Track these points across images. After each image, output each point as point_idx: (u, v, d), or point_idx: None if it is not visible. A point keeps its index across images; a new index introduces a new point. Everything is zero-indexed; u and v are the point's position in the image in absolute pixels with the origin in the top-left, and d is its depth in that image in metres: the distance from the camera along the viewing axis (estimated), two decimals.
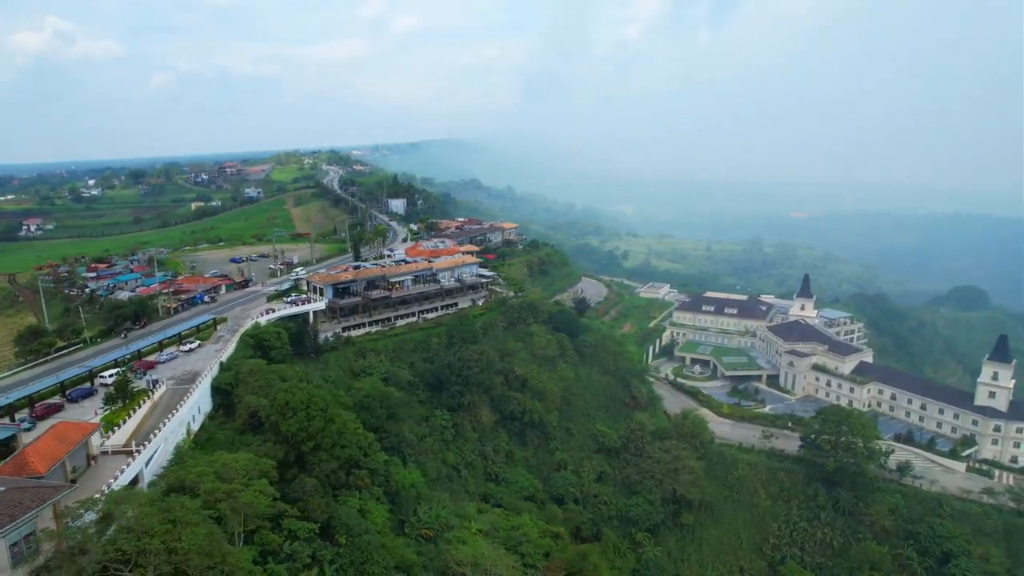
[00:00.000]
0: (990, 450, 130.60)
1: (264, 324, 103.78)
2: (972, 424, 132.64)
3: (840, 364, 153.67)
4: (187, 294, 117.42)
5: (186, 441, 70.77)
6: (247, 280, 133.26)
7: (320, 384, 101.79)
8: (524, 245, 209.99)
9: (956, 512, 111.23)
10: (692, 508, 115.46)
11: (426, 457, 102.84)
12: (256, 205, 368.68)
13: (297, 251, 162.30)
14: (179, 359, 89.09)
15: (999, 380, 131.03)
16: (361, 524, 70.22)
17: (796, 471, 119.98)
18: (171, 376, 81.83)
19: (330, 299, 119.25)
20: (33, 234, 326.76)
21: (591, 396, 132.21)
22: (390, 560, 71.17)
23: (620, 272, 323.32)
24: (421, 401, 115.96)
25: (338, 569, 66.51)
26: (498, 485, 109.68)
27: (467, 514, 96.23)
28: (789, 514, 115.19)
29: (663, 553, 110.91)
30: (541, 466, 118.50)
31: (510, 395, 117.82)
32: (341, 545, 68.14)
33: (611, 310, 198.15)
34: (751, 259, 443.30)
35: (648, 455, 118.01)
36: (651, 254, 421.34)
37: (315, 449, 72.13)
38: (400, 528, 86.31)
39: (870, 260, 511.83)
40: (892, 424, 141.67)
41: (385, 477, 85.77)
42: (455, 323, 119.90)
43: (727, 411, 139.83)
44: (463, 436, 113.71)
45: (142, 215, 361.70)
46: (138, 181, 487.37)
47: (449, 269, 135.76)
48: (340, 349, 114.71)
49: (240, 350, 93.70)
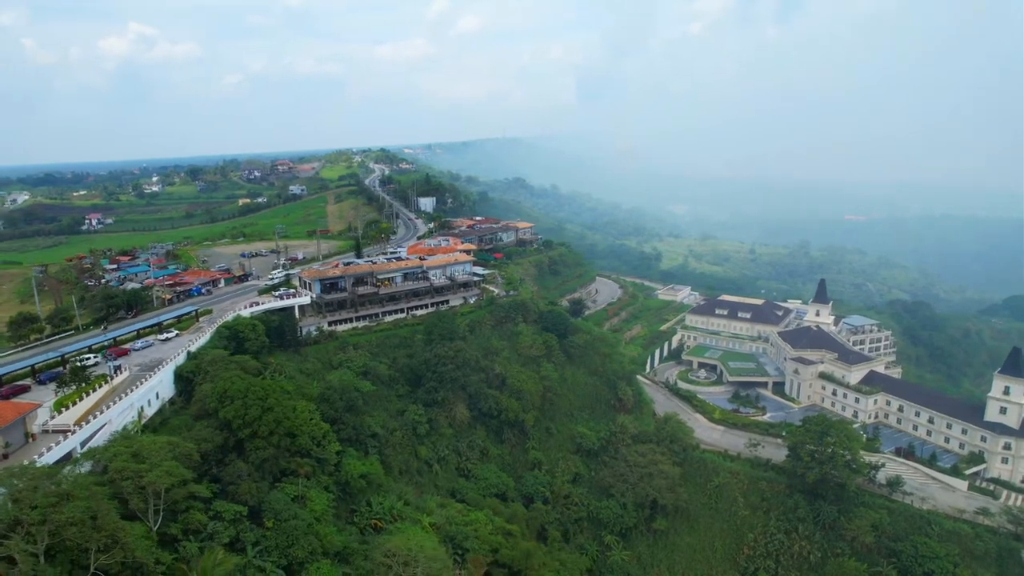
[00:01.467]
0: (999, 469, 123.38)
1: (246, 316, 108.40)
2: (981, 440, 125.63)
3: (847, 373, 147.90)
4: (185, 286, 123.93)
5: (136, 424, 75.10)
6: (247, 274, 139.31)
7: (292, 376, 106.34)
8: (538, 245, 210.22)
9: (945, 532, 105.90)
10: (666, 514, 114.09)
11: (392, 450, 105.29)
12: (299, 202, 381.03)
13: (306, 247, 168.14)
14: (154, 347, 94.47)
15: (1011, 395, 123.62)
16: (290, 509, 73.00)
17: (779, 481, 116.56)
18: (139, 363, 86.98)
19: (317, 294, 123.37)
20: (94, 228, 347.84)
21: (575, 397, 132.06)
22: (318, 545, 73.82)
23: (653, 273, 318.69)
24: (400, 396, 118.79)
25: (262, 551, 69.56)
26: (468, 481, 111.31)
27: (427, 508, 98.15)
28: (767, 525, 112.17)
29: (632, 557, 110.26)
30: (516, 465, 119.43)
31: (487, 393, 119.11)
32: (268, 528, 71.25)
33: (622, 311, 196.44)
34: (796, 263, 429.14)
35: (623, 458, 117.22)
36: (691, 256, 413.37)
37: (252, 436, 75.45)
38: (350, 517, 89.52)
39: (931, 266, 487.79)
40: (896, 437, 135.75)
41: (335, 467, 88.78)
42: (434, 320, 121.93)
43: (719, 417, 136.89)
44: (438, 431, 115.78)
45: (194, 210, 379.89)
46: (196, 178, 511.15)
47: (441, 267, 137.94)
48: (323, 343, 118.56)
49: (214, 340, 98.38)
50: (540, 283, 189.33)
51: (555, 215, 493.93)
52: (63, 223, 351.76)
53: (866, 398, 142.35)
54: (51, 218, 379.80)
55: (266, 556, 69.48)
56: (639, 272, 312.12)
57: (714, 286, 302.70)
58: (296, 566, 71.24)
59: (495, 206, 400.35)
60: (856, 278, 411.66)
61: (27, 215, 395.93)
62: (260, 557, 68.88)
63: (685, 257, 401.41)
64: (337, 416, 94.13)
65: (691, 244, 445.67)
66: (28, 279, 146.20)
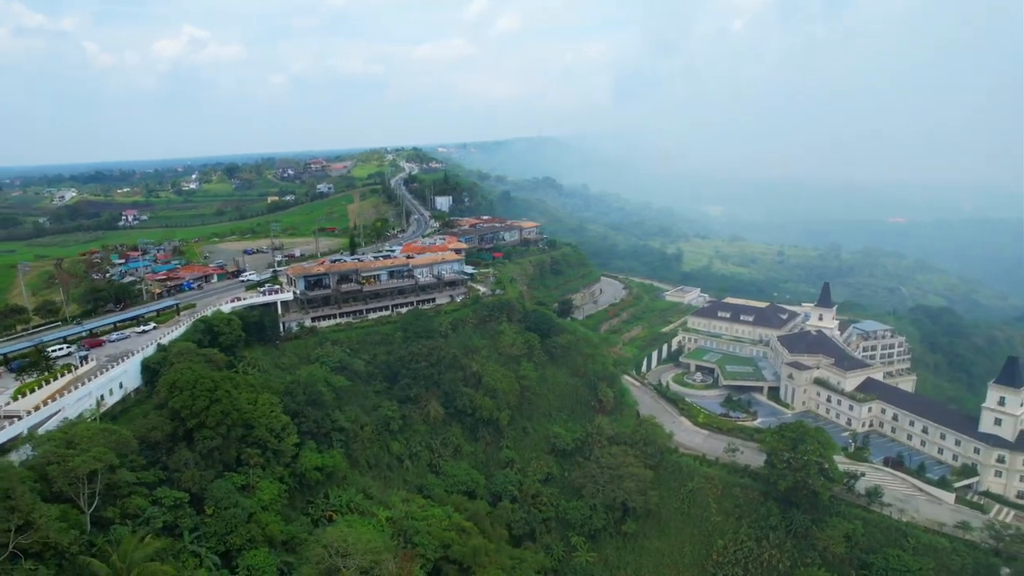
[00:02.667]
0: (993, 482, 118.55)
1: (226, 312, 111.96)
2: (974, 452, 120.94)
3: (842, 380, 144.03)
4: (176, 281, 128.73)
5: (94, 412, 78.81)
6: (240, 270, 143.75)
7: (266, 370, 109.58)
8: (543, 244, 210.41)
9: (921, 545, 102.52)
10: (636, 516, 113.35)
11: (360, 445, 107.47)
12: (325, 200, 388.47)
13: (308, 244, 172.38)
14: (129, 340, 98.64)
15: (1006, 406, 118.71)
16: (231, 498, 75.58)
17: (754, 488, 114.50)
18: (109, 354, 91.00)
19: (301, 290, 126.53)
20: (130, 224, 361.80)
21: (555, 397, 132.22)
22: (259, 533, 76.26)
23: (673, 275, 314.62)
24: (377, 392, 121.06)
25: (199, 536, 72.36)
26: (438, 477, 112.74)
27: (389, 502, 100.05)
28: (738, 532, 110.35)
29: (599, 559, 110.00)
30: (490, 463, 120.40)
31: (463, 391, 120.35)
32: (208, 515, 73.97)
33: (623, 312, 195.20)
34: (827, 265, 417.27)
35: (596, 459, 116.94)
36: (716, 257, 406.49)
37: (199, 426, 78.28)
38: (306, 508, 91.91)
39: (976, 271, 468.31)
40: (888, 446, 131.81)
41: (292, 459, 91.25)
42: (411, 318, 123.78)
43: (702, 421, 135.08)
44: (411, 428, 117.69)
45: (225, 208, 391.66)
46: (232, 176, 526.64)
47: (427, 266, 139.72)
48: (303, 338, 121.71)
49: (188, 334, 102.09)
50: (541, 283, 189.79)
51: (580, 215, 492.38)
52: (102, 219, 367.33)
53: (860, 406, 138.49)
54: (94, 214, 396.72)
55: (203, 542, 72.29)
56: (658, 273, 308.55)
57: (735, 288, 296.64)
58: (234, 553, 73.92)
59: (517, 205, 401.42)
60: (890, 282, 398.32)
61: (72, 211, 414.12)
62: (197, 543, 71.72)
63: (710, 258, 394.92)
64: (299, 409, 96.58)
65: (718, 245, 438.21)
66: (42, 272, 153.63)
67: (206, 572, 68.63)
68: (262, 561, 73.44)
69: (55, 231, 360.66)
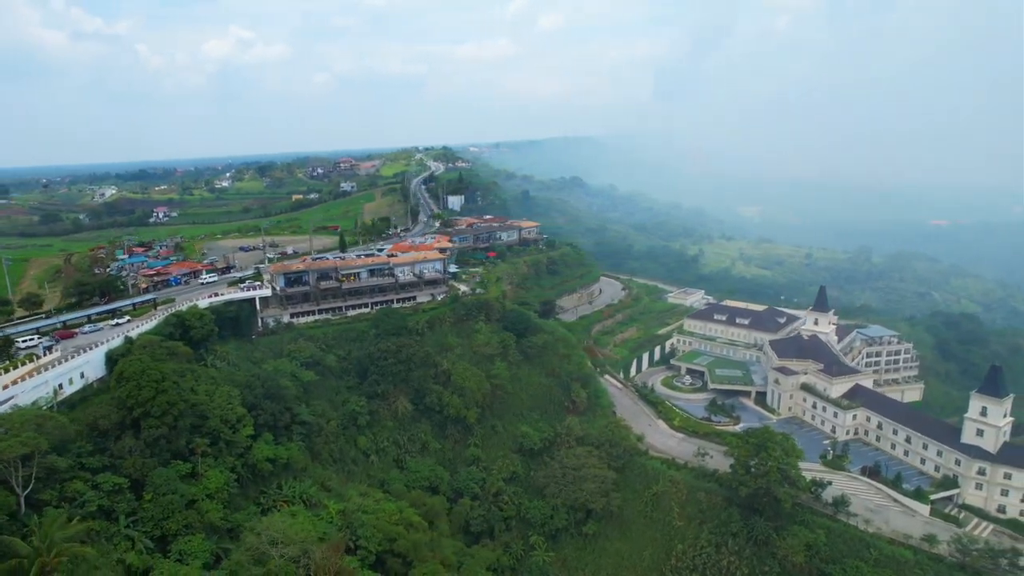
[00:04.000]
0: (973, 495, 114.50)
1: (203, 306, 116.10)
2: (955, 464, 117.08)
3: (828, 386, 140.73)
4: (163, 276, 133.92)
5: (51, 400, 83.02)
6: (229, 267, 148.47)
7: (236, 363, 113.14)
8: (542, 244, 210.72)
9: (884, 557, 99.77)
10: (598, 518, 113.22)
11: (323, 438, 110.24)
12: (348, 199, 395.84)
13: (304, 243, 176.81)
14: (102, 332, 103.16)
15: (988, 417, 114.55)
16: (170, 484, 78.69)
17: (718, 493, 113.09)
18: (77, 345, 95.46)
19: (282, 287, 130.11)
20: (160, 220, 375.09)
21: (527, 397, 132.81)
22: (197, 520, 79.35)
23: (690, 276, 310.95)
24: (349, 387, 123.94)
25: (136, 521, 75.72)
26: (401, 472, 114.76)
27: (346, 495, 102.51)
28: (698, 537, 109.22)
29: (557, 560, 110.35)
30: (457, 460, 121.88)
31: (432, 388, 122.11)
32: (146, 501, 77.29)
33: (619, 313, 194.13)
34: (856, 269, 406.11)
35: (560, 460, 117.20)
36: (740, 259, 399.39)
37: (144, 415, 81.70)
38: (257, 498, 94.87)
39: (1019, 276, 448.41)
40: (869, 455, 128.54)
41: (246, 449, 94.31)
42: (382, 315, 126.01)
43: (678, 424, 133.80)
44: (379, 423, 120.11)
45: (252, 206, 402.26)
46: (264, 174, 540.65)
47: (408, 264, 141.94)
48: (279, 334, 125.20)
49: (159, 327, 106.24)
50: (536, 282, 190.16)
51: (604, 215, 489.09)
52: (135, 215, 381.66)
53: (844, 413, 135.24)
54: (130, 211, 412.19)
55: (139, 526, 75.59)
56: (674, 275, 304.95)
57: (754, 292, 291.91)
58: (171, 538, 77.06)
59: (537, 205, 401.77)
60: (921, 287, 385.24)
61: (111, 208, 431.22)
62: (133, 527, 75.06)
63: (732, 260, 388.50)
64: (257, 402, 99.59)
65: (742, 247, 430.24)
66: (51, 266, 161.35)
67: (136, 555, 71.81)
68: (196, 547, 76.44)
69: (92, 227, 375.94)
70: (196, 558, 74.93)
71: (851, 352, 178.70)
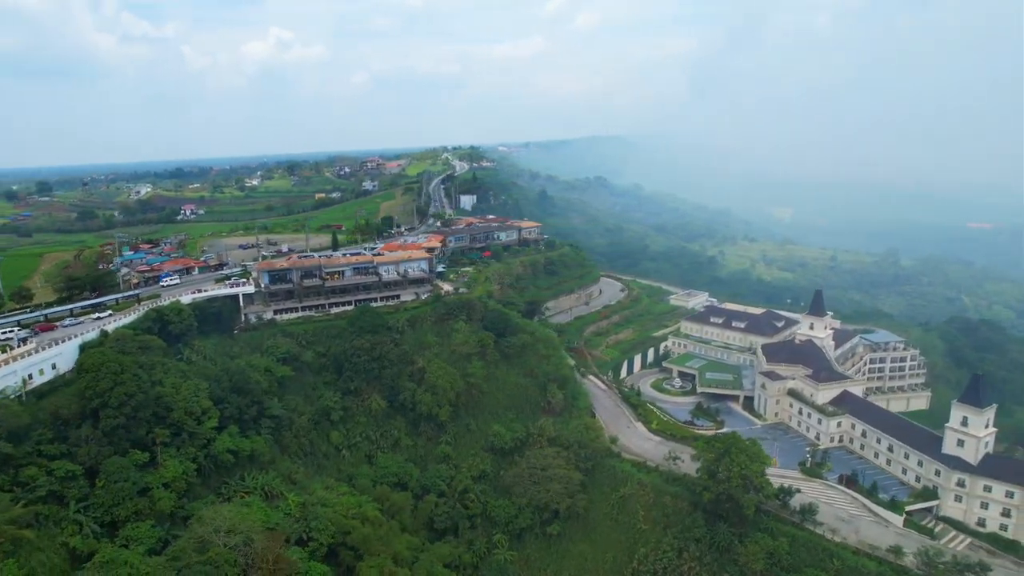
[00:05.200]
0: (953, 508, 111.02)
1: (186, 302, 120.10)
2: (935, 475, 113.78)
3: (815, 392, 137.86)
4: (155, 273, 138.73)
5: (19, 389, 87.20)
6: (222, 264, 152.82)
7: (212, 358, 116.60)
8: (542, 245, 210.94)
9: (846, 568, 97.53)
10: (564, 519, 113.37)
11: (292, 432, 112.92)
12: (368, 198, 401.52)
13: (299, 241, 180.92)
14: (84, 325, 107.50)
15: (969, 427, 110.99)
16: (122, 472, 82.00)
17: (684, 497, 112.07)
18: (54, 338, 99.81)
19: (266, 284, 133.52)
20: (187, 218, 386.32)
21: (504, 396, 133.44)
22: (148, 507, 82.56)
23: (704, 278, 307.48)
24: (327, 383, 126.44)
25: (87, 507, 79.19)
26: (370, 468, 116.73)
27: (310, 488, 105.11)
28: (661, 541, 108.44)
29: (520, 559, 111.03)
30: (428, 457, 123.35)
31: (405, 385, 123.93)
32: (98, 488, 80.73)
33: (616, 314, 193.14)
34: (883, 273, 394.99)
35: (526, 460, 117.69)
36: (761, 261, 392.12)
37: (103, 406, 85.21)
38: (219, 488, 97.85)
39: None
40: (850, 463, 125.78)
41: (209, 441, 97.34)
42: (358, 313, 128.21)
43: (656, 427, 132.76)
44: (353, 419, 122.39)
45: (276, 204, 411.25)
46: (293, 173, 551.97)
47: (393, 263, 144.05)
48: (260, 330, 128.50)
49: (138, 321, 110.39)
50: (532, 282, 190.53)
51: (626, 215, 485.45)
52: (164, 213, 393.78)
53: (828, 420, 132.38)
54: (161, 208, 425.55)
55: (89, 512, 79.01)
56: (686, 276, 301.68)
57: (770, 295, 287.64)
58: (120, 523, 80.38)
59: (554, 205, 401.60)
60: (950, 291, 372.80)
61: (144, 205, 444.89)
62: (83, 512, 78.51)
63: (752, 262, 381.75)
64: (224, 396, 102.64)
65: (765, 249, 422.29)
66: (62, 262, 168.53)
67: (81, 539, 75.16)
68: (143, 533, 79.60)
69: (123, 223, 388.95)
70: (142, 544, 77.97)
71: (852, 358, 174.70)
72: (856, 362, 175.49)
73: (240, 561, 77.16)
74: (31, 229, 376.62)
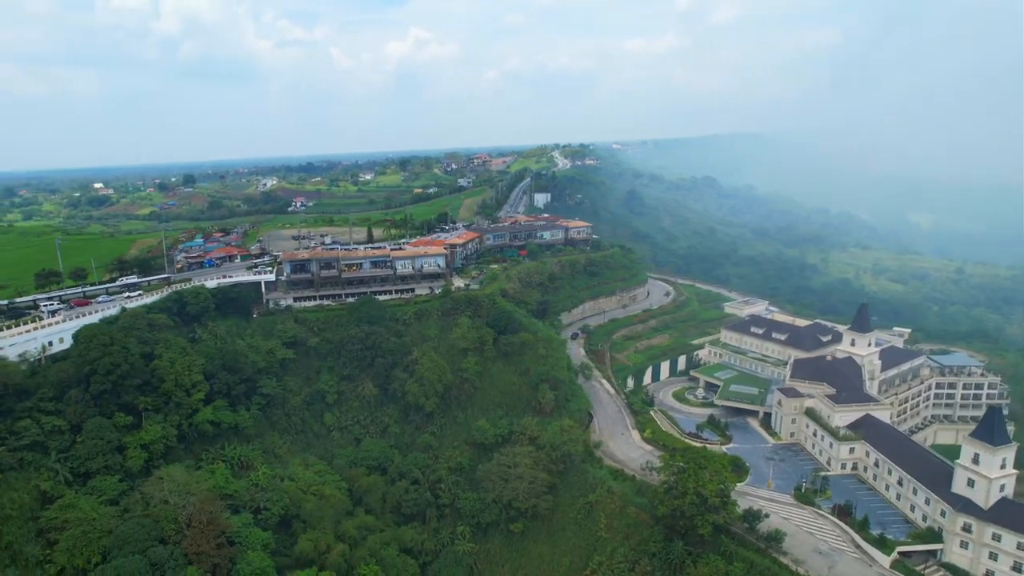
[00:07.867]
0: (958, 555, 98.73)
1: (212, 286, 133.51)
2: (940, 515, 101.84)
3: (832, 413, 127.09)
4: (198, 259, 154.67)
5: (39, 353, 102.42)
6: (264, 252, 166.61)
7: (223, 338, 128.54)
8: (588, 245, 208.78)
9: None
10: (529, 517, 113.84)
11: (282, 410, 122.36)
12: (461, 193, 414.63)
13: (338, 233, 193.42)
14: (114, 302, 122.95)
15: (980, 466, 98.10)
16: (100, 431, 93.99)
17: (649, 510, 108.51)
18: (85, 311, 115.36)
19: (287, 273, 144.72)
20: (297, 209, 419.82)
21: (496, 393, 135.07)
22: (117, 462, 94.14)
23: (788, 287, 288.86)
24: (330, 368, 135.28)
25: (65, 457, 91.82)
26: (355, 450, 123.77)
27: (289, 462, 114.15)
28: (616, 551, 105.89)
29: (480, 551, 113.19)
30: (413, 445, 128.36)
31: (397, 375, 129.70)
32: (78, 442, 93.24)
33: (653, 319, 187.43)
34: (1019, 289, 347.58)
35: (498, 457, 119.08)
36: (871, 271, 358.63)
37: (92, 372, 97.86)
38: (199, 454, 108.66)
39: None
40: (856, 493, 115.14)
41: (193, 411, 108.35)
42: (358, 304, 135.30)
43: (648, 436, 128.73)
44: (346, 403, 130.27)
45: (377, 199, 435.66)
46: (404, 169, 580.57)
47: (409, 258, 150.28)
48: (276, 314, 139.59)
49: (160, 302, 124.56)
50: (568, 283, 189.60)
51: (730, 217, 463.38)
52: (278, 204, 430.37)
53: (840, 445, 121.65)
54: (279, 200, 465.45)
55: (67, 463, 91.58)
56: (771, 284, 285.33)
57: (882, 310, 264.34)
58: (92, 474, 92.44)
59: (644, 205, 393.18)
60: None
61: (266, 197, 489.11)
62: (61, 462, 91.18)
63: (857, 272, 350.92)
64: (214, 372, 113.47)
65: (879, 257, 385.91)
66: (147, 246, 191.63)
67: (51, 484, 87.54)
68: (108, 485, 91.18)
69: (243, 213, 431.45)
70: (104, 494, 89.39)
71: (910, 380, 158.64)
72: (915, 385, 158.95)
73: (179, 518, 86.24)
74: (171, 216, 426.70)
